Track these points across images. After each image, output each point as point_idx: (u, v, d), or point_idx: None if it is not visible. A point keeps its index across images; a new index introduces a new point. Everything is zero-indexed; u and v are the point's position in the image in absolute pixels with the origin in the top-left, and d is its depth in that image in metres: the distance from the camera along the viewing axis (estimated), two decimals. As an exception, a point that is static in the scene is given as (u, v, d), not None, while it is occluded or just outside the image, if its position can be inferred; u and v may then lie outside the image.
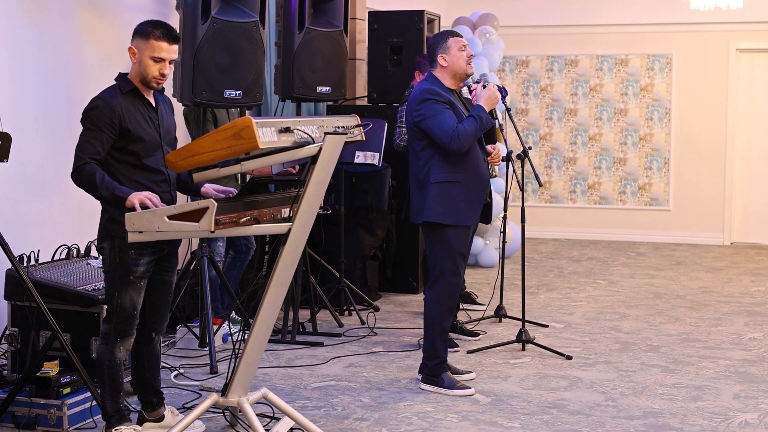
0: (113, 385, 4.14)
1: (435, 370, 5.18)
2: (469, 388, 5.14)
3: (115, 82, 4.14)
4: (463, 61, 5.15)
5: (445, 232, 5.11)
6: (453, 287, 5.19)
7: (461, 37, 5.22)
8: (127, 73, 4.15)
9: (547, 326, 6.78)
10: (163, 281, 4.27)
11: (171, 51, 4.09)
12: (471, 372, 5.43)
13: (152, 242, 4.01)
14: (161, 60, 4.06)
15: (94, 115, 3.99)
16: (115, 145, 4.02)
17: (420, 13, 7.83)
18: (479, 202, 5.20)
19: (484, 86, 5.21)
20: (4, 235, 4.52)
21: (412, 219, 5.26)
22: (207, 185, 4.28)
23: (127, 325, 4.11)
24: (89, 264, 5.07)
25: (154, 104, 4.19)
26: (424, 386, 5.21)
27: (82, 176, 3.95)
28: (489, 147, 5.36)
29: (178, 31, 4.20)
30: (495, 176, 6.60)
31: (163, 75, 4.09)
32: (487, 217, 5.35)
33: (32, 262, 4.91)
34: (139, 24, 4.13)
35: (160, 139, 4.16)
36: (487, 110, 5.12)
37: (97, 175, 3.92)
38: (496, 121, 6.22)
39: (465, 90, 6.23)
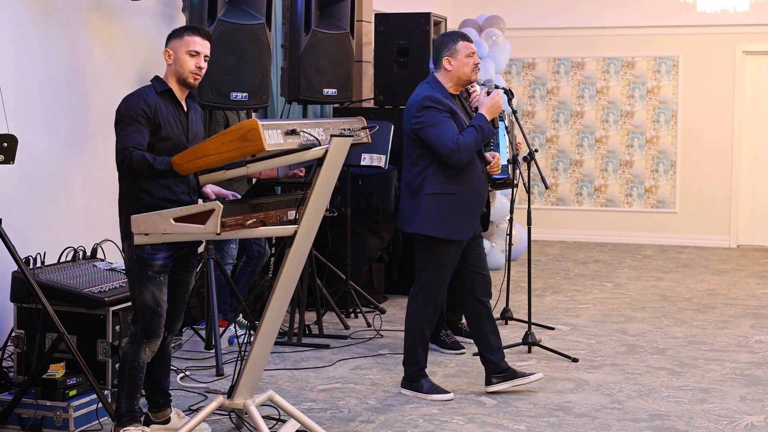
0: (132, 386, 4.16)
1: (414, 377, 5.14)
2: (447, 393, 5.09)
3: (150, 83, 4.21)
4: (468, 69, 5.03)
5: (437, 246, 5.01)
6: (437, 298, 5.12)
7: (471, 42, 5.09)
8: (161, 77, 4.23)
9: (553, 329, 6.77)
10: (180, 281, 4.28)
11: (204, 46, 4.19)
12: (538, 373, 5.28)
13: None
14: (197, 54, 4.15)
15: (131, 109, 4.05)
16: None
17: (426, 16, 7.83)
18: (475, 215, 5.09)
19: (489, 93, 5.06)
20: (10, 237, 4.53)
21: (400, 226, 5.18)
22: (207, 186, 4.30)
23: (152, 324, 4.12)
24: (95, 266, 5.08)
25: (186, 109, 4.24)
26: (404, 391, 5.17)
27: (132, 163, 3.97)
28: (488, 155, 5.21)
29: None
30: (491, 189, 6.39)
31: (199, 68, 4.16)
32: (483, 225, 5.28)
33: (38, 264, 4.91)
34: (170, 33, 4.26)
35: (187, 142, 4.19)
36: (489, 119, 4.98)
37: (147, 156, 3.97)
38: (502, 123, 6.22)
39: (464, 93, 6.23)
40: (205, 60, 4.20)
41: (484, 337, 5.18)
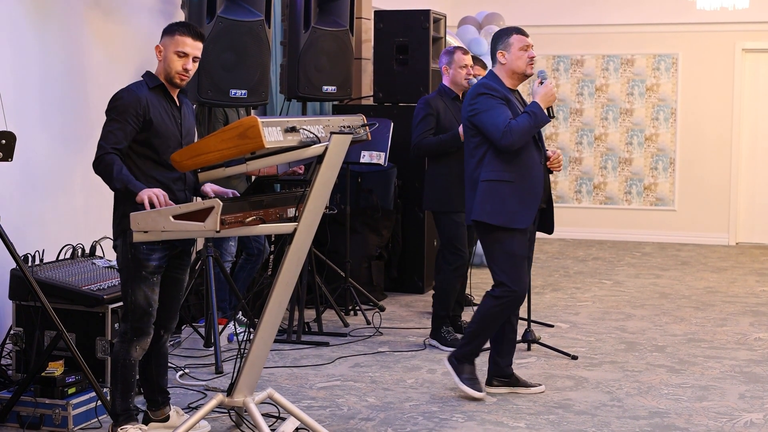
0: (125, 384, 4.14)
1: (462, 358, 5.04)
2: (481, 392, 5.00)
3: (141, 78, 4.19)
4: (523, 62, 4.96)
5: (498, 235, 4.89)
6: (518, 291, 4.95)
7: (527, 36, 5.02)
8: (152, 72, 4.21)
9: (552, 326, 6.77)
10: (175, 279, 4.27)
11: (195, 47, 4.14)
12: (541, 385, 5.23)
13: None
14: (185, 55, 4.11)
15: (120, 105, 4.03)
16: (137, 137, 4.05)
17: (426, 13, 7.82)
18: (533, 204, 4.93)
19: (542, 83, 4.97)
20: (8, 234, 4.52)
21: (466, 221, 5.09)
22: (207, 185, 4.28)
23: (143, 323, 4.11)
24: (94, 264, 5.07)
25: (178, 104, 4.22)
26: (448, 367, 5.09)
27: (101, 165, 3.98)
28: (549, 151, 5.12)
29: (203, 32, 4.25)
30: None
31: (186, 70, 4.13)
32: (548, 226, 5.13)
33: (37, 261, 4.91)
34: (165, 27, 4.21)
35: (180, 137, 4.18)
36: (544, 107, 4.89)
37: (115, 166, 3.94)
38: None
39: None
40: (194, 61, 4.15)
41: (501, 341, 5.15)
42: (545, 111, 4.90)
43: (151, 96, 4.10)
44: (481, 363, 5.22)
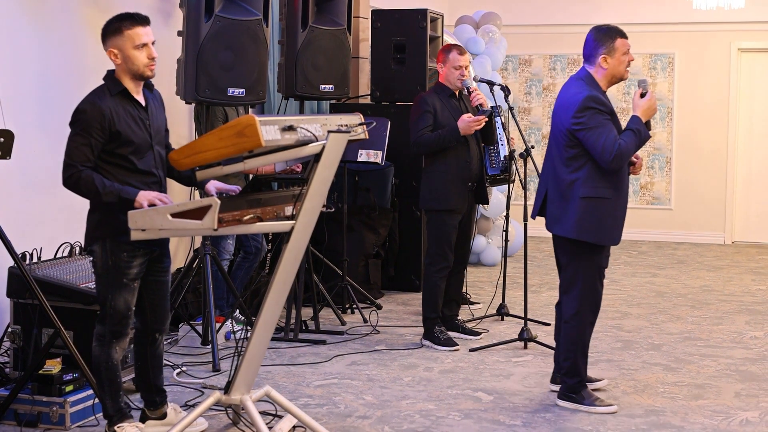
0: (112, 385, 4.13)
1: (575, 388, 4.91)
2: (612, 405, 4.87)
3: (103, 82, 4.08)
4: (623, 67, 4.82)
5: (588, 251, 4.79)
6: (596, 304, 4.92)
7: (627, 38, 4.88)
8: (114, 70, 4.08)
9: (549, 324, 6.76)
10: (159, 282, 4.26)
11: (149, 33, 4.02)
12: (604, 379, 5.24)
13: (144, 243, 3.99)
14: (144, 45, 4.00)
15: (83, 119, 3.93)
16: (105, 148, 3.97)
17: (423, 12, 7.83)
18: (623, 219, 4.85)
19: (643, 95, 4.79)
20: (6, 232, 4.53)
21: (547, 227, 4.91)
22: (210, 183, 4.27)
23: (121, 326, 4.10)
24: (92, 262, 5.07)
25: (144, 103, 4.13)
26: (562, 403, 4.93)
27: (79, 184, 3.91)
28: (632, 158, 4.97)
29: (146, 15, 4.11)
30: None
31: (153, 59, 4.03)
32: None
33: (34, 259, 4.91)
34: (103, 28, 4.06)
35: (150, 140, 4.10)
36: (644, 121, 4.74)
37: (97, 182, 3.89)
38: (499, 119, 6.23)
39: (465, 90, 6.24)
40: (153, 45, 4.03)
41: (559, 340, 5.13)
42: (646, 125, 4.79)
43: (114, 104, 3.98)
44: (475, 364, 5.23)
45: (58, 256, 5.15)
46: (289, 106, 7.27)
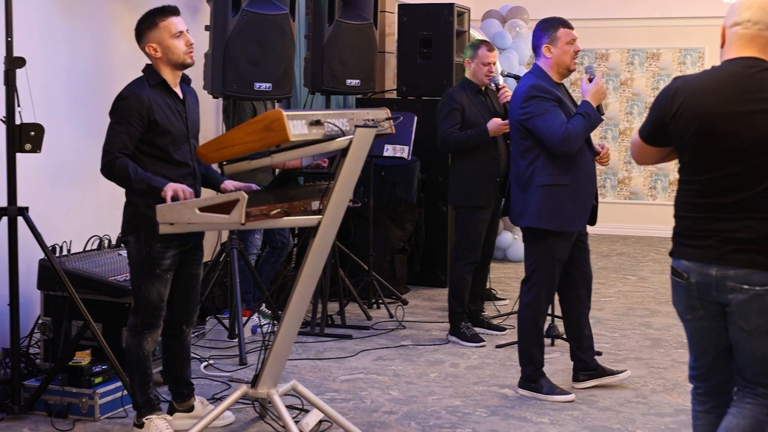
0: (142, 376, 4.17)
1: (533, 376, 4.99)
2: (569, 393, 4.94)
3: (142, 74, 4.14)
4: (568, 57, 4.88)
5: (548, 239, 4.85)
6: (550, 294, 4.98)
7: (572, 28, 4.93)
8: (151, 64, 4.14)
9: (576, 321, 6.74)
10: (190, 274, 4.29)
11: (182, 22, 4.12)
12: (626, 370, 5.23)
13: (178, 235, 4.03)
14: (181, 33, 4.08)
15: (123, 107, 3.99)
16: (143, 138, 4.02)
17: (450, 6, 7.81)
18: (587, 206, 4.92)
19: (591, 80, 4.84)
20: (37, 225, 4.56)
21: (512, 221, 5.03)
22: (227, 182, 4.29)
23: (154, 317, 4.13)
24: (120, 255, 5.10)
25: (182, 96, 4.19)
26: (521, 391, 5.02)
27: (114, 170, 3.96)
28: (597, 146, 5.06)
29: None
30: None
31: (190, 44, 4.11)
32: (592, 218, 5.06)
33: (64, 252, 4.95)
34: (137, 27, 4.13)
35: (187, 131, 4.16)
36: (594, 105, 4.81)
37: (130, 169, 3.94)
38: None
39: (492, 86, 6.23)
40: (188, 33, 4.12)
41: (580, 336, 5.13)
42: (597, 109, 4.83)
43: (153, 94, 4.04)
44: (502, 360, 5.22)
45: (87, 249, 5.19)
46: (315, 101, 7.28)
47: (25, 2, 5.01)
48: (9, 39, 4.46)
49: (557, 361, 5.67)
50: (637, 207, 11.41)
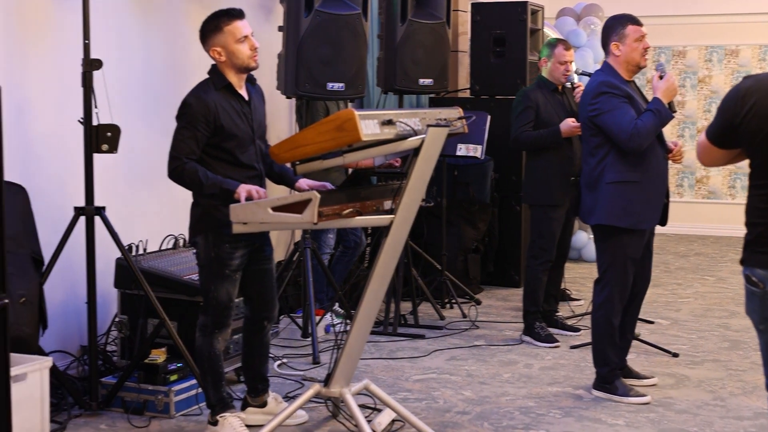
0: (214, 375, 4.20)
1: (607, 377, 4.93)
2: (644, 395, 4.88)
3: (207, 77, 4.15)
4: (638, 54, 4.84)
5: (619, 237, 4.79)
6: (624, 293, 4.90)
7: (641, 25, 4.89)
8: (217, 66, 4.15)
9: (652, 322, 6.64)
10: (263, 270, 4.31)
11: (246, 25, 4.10)
12: (653, 377, 5.20)
13: (246, 236, 4.04)
14: (245, 37, 4.06)
15: (189, 113, 4.00)
16: (210, 142, 4.03)
17: (523, 4, 7.74)
18: (658, 203, 4.83)
19: (661, 77, 4.78)
20: (113, 224, 4.64)
21: (582, 219, 5.00)
22: (301, 180, 4.29)
23: (223, 317, 4.16)
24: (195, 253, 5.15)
25: (247, 97, 4.19)
26: (596, 392, 4.97)
27: (183, 176, 3.98)
28: (670, 143, 5.02)
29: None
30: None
31: (255, 49, 4.09)
32: (663, 218, 4.94)
33: (140, 251, 5.03)
34: (201, 30, 4.13)
35: (252, 133, 4.17)
36: (665, 102, 4.76)
37: (200, 173, 3.96)
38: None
39: (568, 85, 6.17)
40: (252, 36, 4.10)
41: (621, 332, 5.05)
42: (669, 106, 4.77)
43: (219, 98, 4.05)
44: (577, 361, 5.15)
45: (162, 248, 5.26)
46: (388, 101, 7.28)
47: (101, 5, 5.09)
48: (86, 41, 4.54)
49: (632, 362, 5.57)
50: (715, 206, 11.18)
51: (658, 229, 5.02)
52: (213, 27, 4.09)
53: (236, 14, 4.09)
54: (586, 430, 4.47)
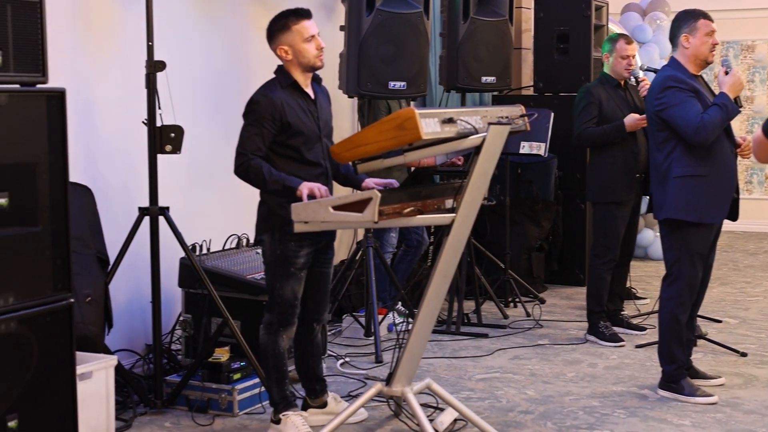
0: (278, 373, 4.22)
1: (673, 376, 4.87)
2: (711, 395, 4.80)
3: (273, 76, 4.19)
4: (706, 48, 4.81)
5: (686, 231, 4.73)
6: (692, 289, 4.83)
7: (712, 21, 4.87)
8: (283, 65, 4.18)
9: (720, 321, 6.52)
10: (321, 273, 4.31)
11: (314, 25, 4.12)
12: (720, 377, 5.12)
13: (312, 234, 4.06)
14: (312, 37, 4.09)
15: (256, 110, 4.04)
16: (276, 139, 4.06)
17: (587, 1, 7.66)
18: (726, 198, 4.78)
19: (727, 72, 4.76)
20: (177, 224, 4.69)
21: (654, 215, 4.94)
22: (368, 179, 4.29)
23: (288, 315, 4.18)
24: (258, 253, 5.19)
25: (313, 96, 4.21)
26: (661, 392, 4.92)
27: (249, 172, 4.01)
28: (738, 138, 4.95)
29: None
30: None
31: (321, 49, 4.11)
32: (734, 213, 4.88)
33: (204, 251, 5.07)
34: (269, 28, 4.15)
35: (319, 131, 4.18)
36: (732, 97, 4.72)
37: (265, 170, 3.99)
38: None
39: (631, 80, 6.09)
40: (319, 36, 4.12)
41: None
42: (735, 101, 4.73)
43: (285, 96, 4.07)
44: (642, 361, 5.08)
45: (226, 247, 5.31)
46: (450, 99, 7.25)
47: (164, 8, 5.16)
48: (150, 43, 4.60)
49: (699, 362, 5.48)
50: (786, 203, 10.96)
51: (727, 225, 4.95)
52: (281, 26, 4.12)
53: (304, 14, 4.13)
54: (651, 431, 4.40)
